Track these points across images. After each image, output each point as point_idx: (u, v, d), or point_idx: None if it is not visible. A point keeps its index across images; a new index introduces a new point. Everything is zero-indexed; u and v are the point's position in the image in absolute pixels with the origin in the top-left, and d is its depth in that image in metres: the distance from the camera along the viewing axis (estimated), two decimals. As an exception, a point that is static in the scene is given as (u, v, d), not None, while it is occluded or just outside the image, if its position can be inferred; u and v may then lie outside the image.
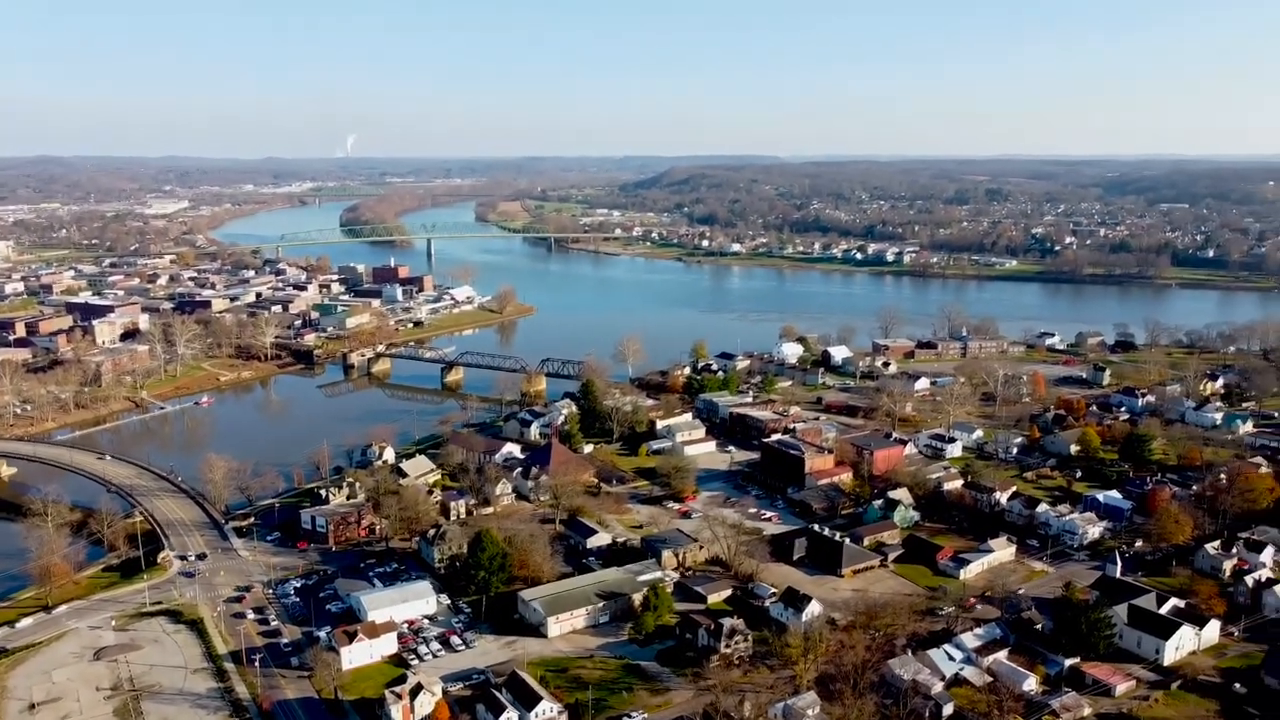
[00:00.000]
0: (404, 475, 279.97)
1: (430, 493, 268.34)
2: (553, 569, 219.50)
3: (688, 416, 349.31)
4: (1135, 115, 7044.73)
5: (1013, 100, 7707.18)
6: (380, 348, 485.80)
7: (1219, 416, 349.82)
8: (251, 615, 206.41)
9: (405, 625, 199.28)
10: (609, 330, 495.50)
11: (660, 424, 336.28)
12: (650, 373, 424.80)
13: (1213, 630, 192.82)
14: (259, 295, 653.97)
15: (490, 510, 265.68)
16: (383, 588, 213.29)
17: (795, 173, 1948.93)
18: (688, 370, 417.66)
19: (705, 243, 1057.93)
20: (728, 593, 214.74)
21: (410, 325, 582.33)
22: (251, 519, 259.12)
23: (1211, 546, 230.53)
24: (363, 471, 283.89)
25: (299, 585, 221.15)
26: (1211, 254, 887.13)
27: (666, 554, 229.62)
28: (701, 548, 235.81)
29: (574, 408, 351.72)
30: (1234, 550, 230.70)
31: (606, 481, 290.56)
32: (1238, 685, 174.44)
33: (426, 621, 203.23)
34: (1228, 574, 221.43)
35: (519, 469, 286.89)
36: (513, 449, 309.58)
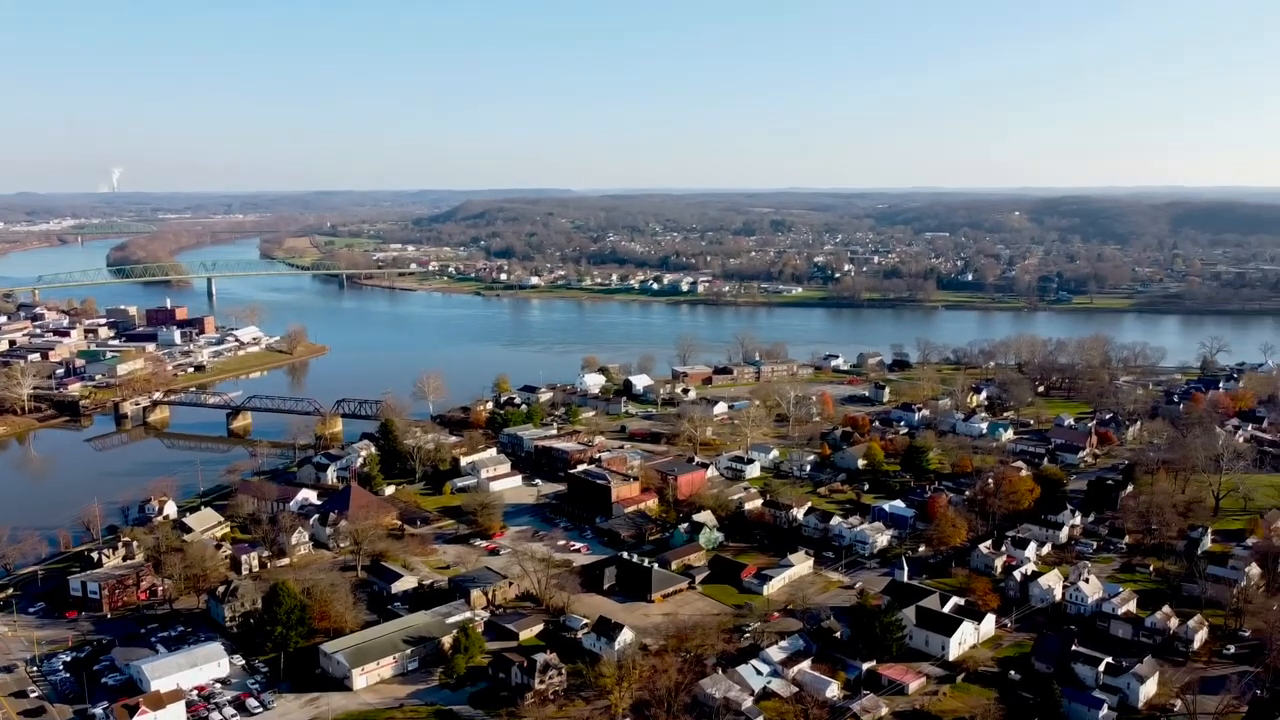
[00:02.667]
0: (188, 530, 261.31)
1: (219, 547, 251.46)
2: (356, 618, 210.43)
3: (492, 451, 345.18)
4: (900, 152, 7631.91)
5: (794, 137, 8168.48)
6: (157, 395, 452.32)
7: (984, 426, 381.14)
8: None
9: (195, 692, 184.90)
10: (408, 367, 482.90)
11: (464, 461, 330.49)
12: (452, 409, 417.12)
13: (989, 624, 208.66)
14: (12, 343, 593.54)
15: (286, 561, 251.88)
16: (168, 653, 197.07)
17: (591, 205, 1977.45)
18: (490, 405, 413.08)
19: (504, 276, 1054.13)
20: (540, 627, 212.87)
21: (191, 370, 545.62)
22: (10, 590, 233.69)
23: (984, 546, 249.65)
24: (141, 529, 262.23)
25: (69, 659, 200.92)
26: (970, 278, 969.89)
27: (476, 593, 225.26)
28: (511, 584, 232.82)
29: (373, 449, 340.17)
30: (1003, 548, 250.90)
31: (410, 523, 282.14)
32: (1012, 672, 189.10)
33: (219, 686, 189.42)
34: (999, 571, 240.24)
35: (316, 516, 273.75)
36: (309, 495, 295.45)
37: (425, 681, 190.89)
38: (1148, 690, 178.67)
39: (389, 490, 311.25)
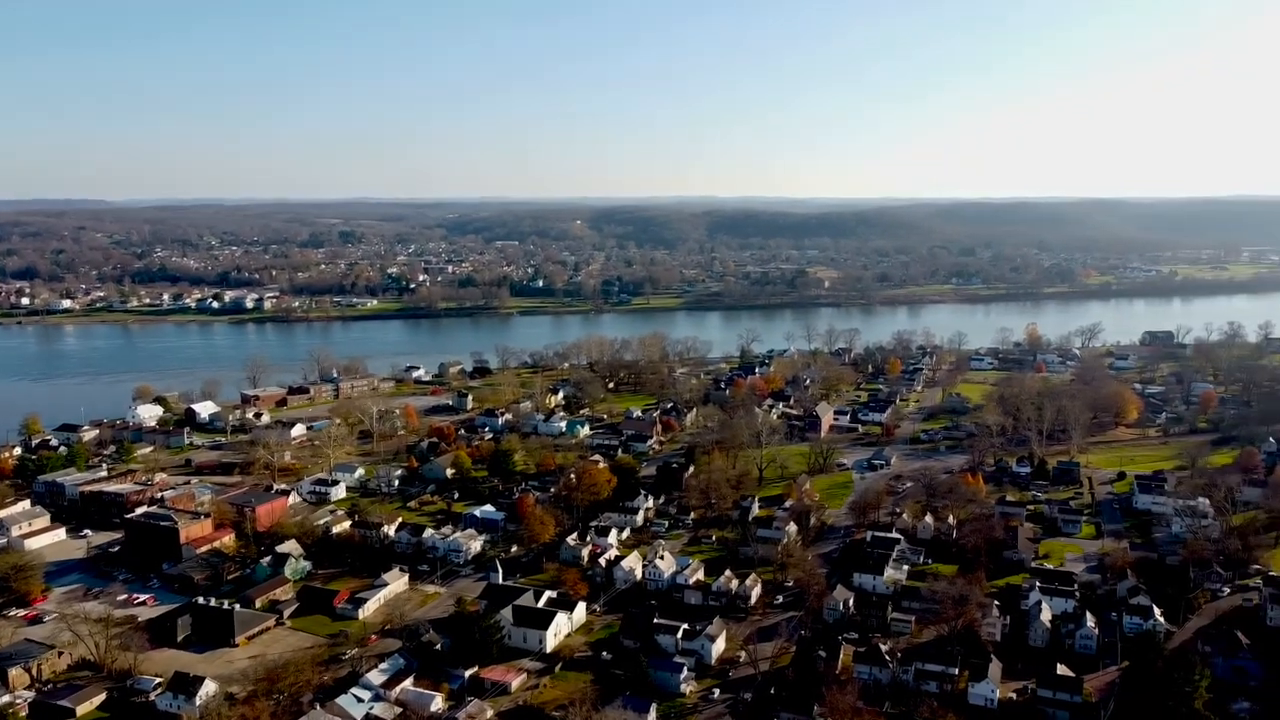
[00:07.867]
0: None
1: None
2: None
3: (25, 504, 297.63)
4: (465, 165, 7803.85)
5: (358, 146, 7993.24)
6: None
7: (563, 424, 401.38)
8: None
9: None
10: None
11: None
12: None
13: (581, 611, 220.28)
14: None
15: None
16: None
17: (133, 218, 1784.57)
18: (19, 450, 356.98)
19: (26, 300, 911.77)
20: (102, 697, 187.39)
21: None
22: None
23: (571, 538, 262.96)
24: None
25: None
26: (541, 284, 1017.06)
27: (15, 672, 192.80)
28: (62, 654, 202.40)
29: None
30: (588, 538, 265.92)
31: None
32: (605, 653, 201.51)
33: None
34: (586, 560, 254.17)
35: None
36: None
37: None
38: (718, 647, 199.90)
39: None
